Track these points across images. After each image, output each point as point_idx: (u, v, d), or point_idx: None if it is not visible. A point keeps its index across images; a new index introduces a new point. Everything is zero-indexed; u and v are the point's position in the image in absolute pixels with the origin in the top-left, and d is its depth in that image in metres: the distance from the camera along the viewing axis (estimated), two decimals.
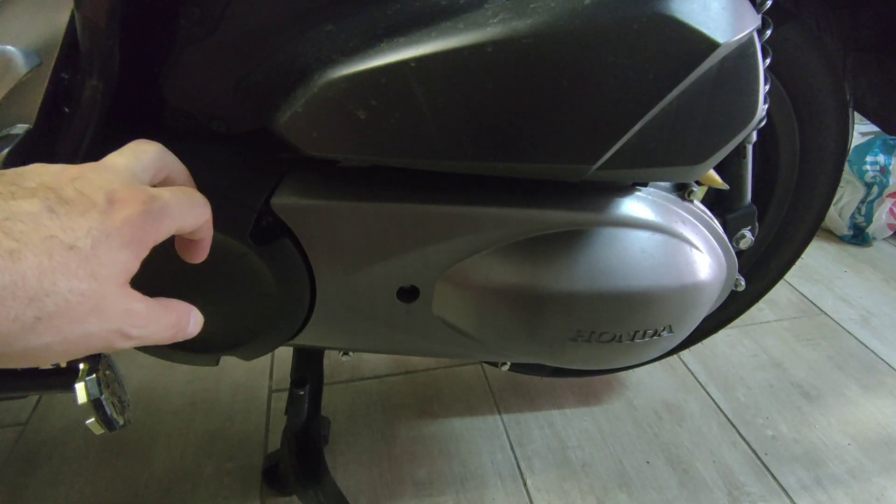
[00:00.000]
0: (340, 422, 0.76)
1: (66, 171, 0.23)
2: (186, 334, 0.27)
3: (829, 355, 0.89)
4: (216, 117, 0.42)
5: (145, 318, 0.24)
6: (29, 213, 0.21)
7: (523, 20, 0.32)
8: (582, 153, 0.35)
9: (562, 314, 0.43)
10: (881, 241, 1.21)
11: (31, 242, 0.20)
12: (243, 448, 0.72)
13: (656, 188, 0.45)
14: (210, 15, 0.37)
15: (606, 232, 0.42)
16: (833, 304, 1.01)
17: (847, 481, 0.69)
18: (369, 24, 0.35)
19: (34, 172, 0.23)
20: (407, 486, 0.68)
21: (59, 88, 0.36)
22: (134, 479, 0.68)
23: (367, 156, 0.36)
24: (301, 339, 0.47)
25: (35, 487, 0.67)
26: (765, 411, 0.79)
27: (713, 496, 0.67)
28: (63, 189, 0.22)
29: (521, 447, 0.73)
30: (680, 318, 0.45)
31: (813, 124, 0.55)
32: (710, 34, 0.32)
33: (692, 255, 0.44)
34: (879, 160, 1.14)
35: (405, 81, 0.33)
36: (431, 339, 0.47)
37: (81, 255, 0.21)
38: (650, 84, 0.33)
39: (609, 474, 0.70)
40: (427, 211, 0.40)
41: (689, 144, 0.36)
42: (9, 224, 0.20)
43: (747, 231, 0.51)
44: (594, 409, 0.79)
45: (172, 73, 0.39)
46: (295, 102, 0.34)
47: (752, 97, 0.36)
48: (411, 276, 0.43)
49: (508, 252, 0.42)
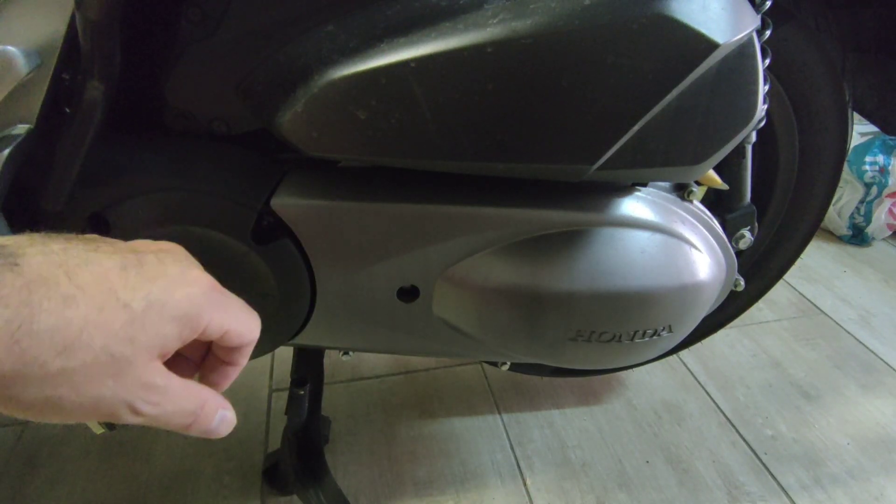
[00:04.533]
0: (341, 421, 0.76)
1: (158, 244, 0.24)
2: (208, 431, 0.24)
3: (829, 355, 0.89)
4: (217, 118, 0.42)
5: (161, 397, 0.22)
6: (102, 265, 0.21)
7: (523, 21, 0.32)
8: (582, 153, 0.35)
9: (562, 314, 0.43)
10: (880, 241, 1.21)
11: (88, 292, 0.20)
12: (244, 447, 0.72)
13: (656, 188, 0.45)
14: (211, 16, 0.37)
15: (606, 232, 0.42)
16: (832, 304, 1.01)
17: (846, 481, 0.69)
18: (369, 24, 0.35)
19: (133, 242, 0.23)
20: (407, 485, 0.68)
21: (60, 89, 0.36)
22: (135, 478, 0.68)
23: (367, 156, 0.36)
24: (301, 338, 0.47)
25: (36, 487, 0.67)
26: (764, 411, 0.79)
27: (713, 496, 0.67)
28: (145, 255, 0.23)
29: (521, 447, 0.73)
30: (679, 317, 0.45)
31: (812, 125, 0.55)
32: (710, 35, 0.32)
33: (692, 255, 0.44)
34: (878, 160, 1.14)
35: (405, 82, 0.33)
36: (431, 339, 0.47)
37: (129, 317, 0.21)
38: (650, 84, 0.33)
39: (609, 474, 0.70)
40: (427, 211, 0.40)
41: (688, 145, 0.36)
42: (78, 270, 0.20)
43: (746, 231, 0.51)
44: (594, 408, 0.79)
45: (173, 73, 0.40)
46: (295, 103, 0.34)
47: (751, 97, 0.36)
48: (411, 276, 0.43)
49: (508, 252, 0.42)
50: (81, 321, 0.20)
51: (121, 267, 0.21)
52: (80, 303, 0.20)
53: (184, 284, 0.23)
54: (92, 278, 0.20)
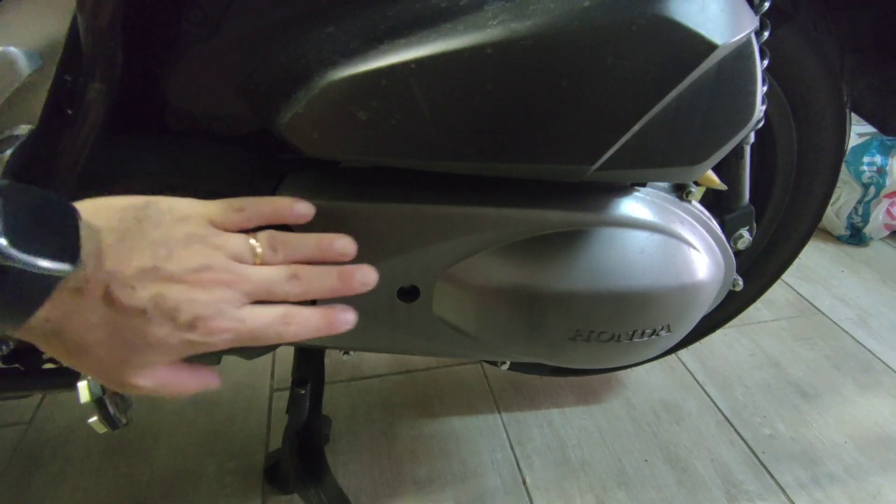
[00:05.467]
0: (341, 421, 0.76)
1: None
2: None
3: (827, 354, 0.90)
4: (218, 118, 0.42)
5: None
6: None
7: (523, 22, 0.32)
8: (581, 154, 0.35)
9: (561, 314, 0.43)
10: (878, 241, 1.21)
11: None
12: (245, 447, 0.72)
13: (655, 188, 0.45)
14: (211, 17, 0.37)
15: (605, 232, 0.42)
16: (830, 304, 1.01)
17: (844, 479, 0.70)
18: (370, 25, 0.35)
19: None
20: (407, 484, 0.68)
21: (62, 90, 0.36)
22: (136, 477, 0.69)
23: (367, 156, 0.36)
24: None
25: (38, 486, 0.67)
26: (762, 410, 0.79)
27: (711, 494, 0.68)
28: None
29: (521, 446, 0.73)
30: (678, 317, 0.45)
31: (810, 125, 0.55)
32: (709, 36, 0.32)
33: (690, 255, 0.44)
34: (876, 161, 1.14)
35: (405, 83, 0.33)
36: (432, 339, 0.47)
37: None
38: (649, 85, 0.33)
39: (608, 473, 0.70)
40: (427, 211, 0.41)
41: (687, 145, 0.37)
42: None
43: (745, 231, 0.52)
44: (593, 408, 0.79)
45: (174, 74, 0.40)
46: (296, 104, 0.35)
47: (750, 98, 0.36)
48: (411, 276, 0.43)
49: (508, 252, 0.42)
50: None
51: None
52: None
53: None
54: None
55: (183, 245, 0.28)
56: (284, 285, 0.31)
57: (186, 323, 0.27)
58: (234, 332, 0.29)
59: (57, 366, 0.48)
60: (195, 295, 0.27)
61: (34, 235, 0.22)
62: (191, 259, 0.28)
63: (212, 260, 0.28)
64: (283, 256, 0.32)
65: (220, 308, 0.28)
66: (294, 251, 0.33)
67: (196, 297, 0.27)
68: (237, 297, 0.29)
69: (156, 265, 0.27)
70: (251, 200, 0.33)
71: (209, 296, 0.28)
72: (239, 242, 0.31)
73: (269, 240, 0.32)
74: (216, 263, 0.29)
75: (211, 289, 0.28)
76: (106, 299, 0.26)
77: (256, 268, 0.30)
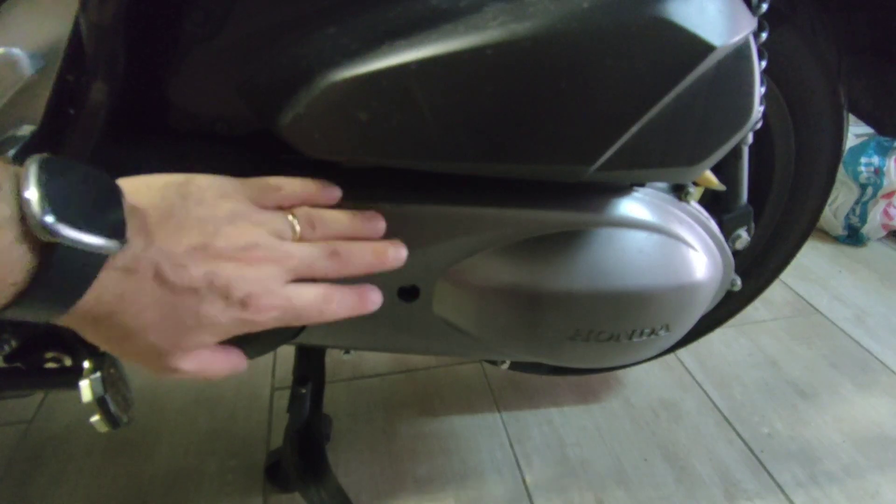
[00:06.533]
0: (342, 419, 0.76)
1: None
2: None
3: (824, 354, 0.90)
4: (219, 119, 0.42)
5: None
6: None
7: (522, 23, 0.32)
8: (580, 154, 0.36)
9: (560, 314, 0.43)
10: (875, 241, 1.21)
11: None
12: (246, 445, 0.72)
13: (653, 189, 0.45)
14: (213, 17, 0.38)
15: (604, 232, 0.42)
16: (828, 304, 1.02)
17: (842, 478, 0.70)
18: (371, 27, 0.35)
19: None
20: (408, 482, 0.68)
21: (65, 90, 0.36)
22: (138, 476, 0.69)
23: (368, 157, 0.36)
24: (303, 337, 0.47)
25: (40, 484, 0.68)
26: (760, 409, 0.80)
27: (710, 493, 0.68)
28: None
29: (521, 444, 0.74)
30: (677, 317, 0.46)
31: (808, 126, 0.55)
32: (707, 37, 0.33)
33: (689, 255, 0.44)
34: (874, 161, 1.15)
35: (406, 84, 0.33)
36: (432, 338, 0.47)
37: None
38: (648, 86, 0.33)
39: (607, 471, 0.70)
40: (427, 211, 0.41)
41: (685, 146, 0.37)
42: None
43: (743, 231, 0.52)
44: (592, 407, 0.79)
45: (176, 75, 0.40)
46: (297, 105, 0.35)
47: (748, 99, 0.37)
48: (412, 276, 0.43)
49: (508, 252, 0.42)
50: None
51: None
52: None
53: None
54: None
55: (228, 222, 0.28)
56: (325, 262, 0.30)
57: (239, 301, 0.27)
58: (281, 309, 0.28)
59: (58, 365, 0.48)
60: (245, 272, 0.27)
61: (80, 212, 0.21)
62: (238, 236, 0.28)
63: (258, 237, 0.28)
64: (321, 234, 0.32)
65: (269, 286, 0.28)
66: (330, 228, 0.32)
67: (246, 275, 0.27)
68: (283, 275, 0.29)
69: (205, 242, 0.26)
70: (287, 180, 0.33)
71: (258, 273, 0.27)
72: (280, 220, 0.30)
73: (307, 217, 0.32)
74: (262, 241, 0.28)
75: (259, 266, 0.27)
76: (157, 279, 0.25)
77: (298, 245, 0.30)
